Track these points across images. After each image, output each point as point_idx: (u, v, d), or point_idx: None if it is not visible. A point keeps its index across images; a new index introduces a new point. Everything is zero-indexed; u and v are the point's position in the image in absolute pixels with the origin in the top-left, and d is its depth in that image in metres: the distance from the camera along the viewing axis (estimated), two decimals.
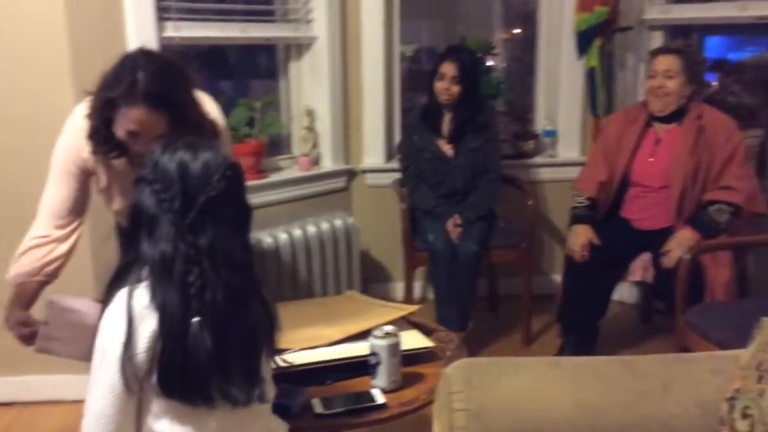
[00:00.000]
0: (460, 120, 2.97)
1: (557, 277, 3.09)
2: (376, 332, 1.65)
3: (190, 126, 1.57)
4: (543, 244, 3.52)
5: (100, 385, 1.16)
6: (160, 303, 1.16)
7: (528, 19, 3.61)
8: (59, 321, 1.59)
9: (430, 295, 3.16)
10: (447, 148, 3.01)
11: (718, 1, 3.16)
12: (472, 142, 2.98)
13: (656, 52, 2.74)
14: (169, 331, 1.15)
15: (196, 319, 1.16)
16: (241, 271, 1.22)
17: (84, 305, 1.58)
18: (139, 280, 1.19)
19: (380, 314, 1.88)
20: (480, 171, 3.00)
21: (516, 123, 3.77)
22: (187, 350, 1.16)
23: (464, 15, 4.47)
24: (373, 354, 1.63)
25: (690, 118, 2.66)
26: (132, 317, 1.15)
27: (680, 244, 2.50)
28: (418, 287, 3.43)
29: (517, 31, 4.22)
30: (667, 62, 2.64)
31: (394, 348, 1.63)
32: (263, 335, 1.27)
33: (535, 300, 3.12)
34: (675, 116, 2.69)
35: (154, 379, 1.16)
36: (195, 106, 1.65)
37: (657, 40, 3.27)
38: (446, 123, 3.01)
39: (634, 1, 3.25)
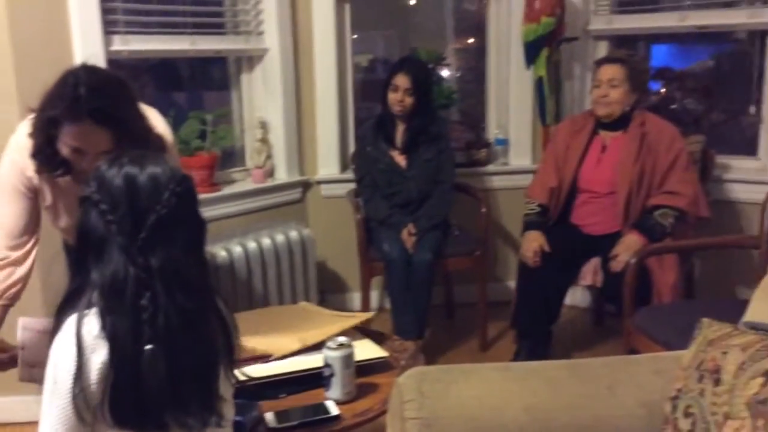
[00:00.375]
0: (414, 131, 3.01)
1: (512, 283, 3.13)
2: (330, 344, 1.65)
3: (136, 140, 1.55)
4: (497, 250, 3.57)
5: (53, 416, 1.12)
6: (110, 333, 1.12)
7: (479, 29, 3.67)
8: (36, 345, 1.55)
9: (388, 305, 3.17)
10: (400, 159, 3.04)
11: (659, 11, 3.27)
12: (426, 153, 3.02)
13: (600, 62, 2.82)
14: (121, 361, 1.11)
15: (148, 347, 1.12)
16: (196, 291, 1.18)
17: None
18: (89, 305, 1.14)
19: (335, 323, 1.89)
20: (434, 181, 3.03)
21: (470, 132, 3.82)
22: (140, 379, 1.11)
23: (418, 26, 4.53)
24: (326, 366, 1.64)
25: (634, 126, 2.74)
26: (82, 347, 1.11)
27: (627, 248, 2.56)
28: (375, 297, 3.43)
29: (470, 41, 4.28)
30: (611, 71, 2.72)
31: (348, 359, 1.64)
32: (221, 354, 1.23)
33: (491, 306, 3.15)
34: (620, 124, 2.77)
35: (107, 408, 1.12)
36: (140, 120, 1.63)
37: (602, 49, 3.36)
38: (399, 134, 3.04)
39: (579, 12, 3.33)
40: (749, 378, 1.21)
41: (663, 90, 3.69)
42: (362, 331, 1.95)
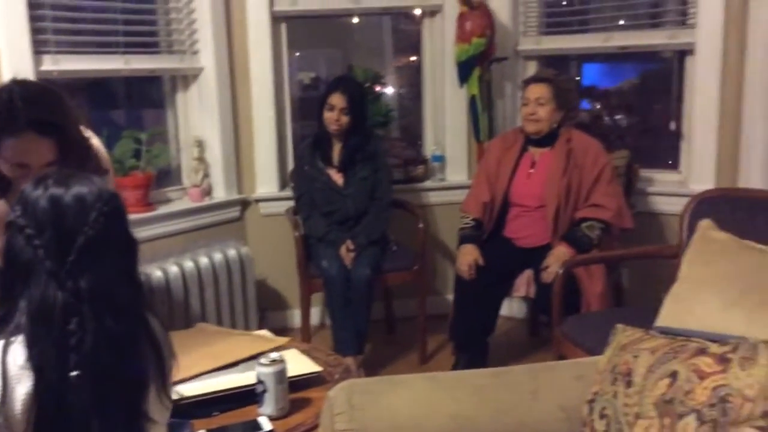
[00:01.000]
0: (350, 150, 3.05)
1: (451, 297, 3.18)
2: (262, 360, 1.66)
3: (78, 150, 1.54)
4: (436, 265, 3.64)
5: None
6: (36, 363, 1.09)
7: (417, 49, 3.75)
8: None
9: (329, 321, 3.19)
10: (337, 178, 3.08)
11: (584, 32, 3.41)
12: (362, 171, 3.06)
13: (528, 82, 2.93)
14: (46, 391, 1.08)
15: (74, 373, 1.09)
16: (127, 313, 1.15)
17: None
18: (17, 331, 1.11)
19: (244, 345, 1.90)
20: (371, 198, 3.08)
21: (410, 148, 3.89)
22: (66, 408, 1.09)
23: (360, 44, 4.61)
24: (259, 382, 1.64)
25: (561, 142, 2.85)
26: (6, 378, 1.08)
27: (557, 259, 2.66)
28: (316, 314, 3.45)
29: (411, 59, 4.37)
30: (538, 90, 2.83)
31: (281, 375, 1.65)
32: (151, 377, 1.20)
33: (431, 320, 3.21)
34: (547, 140, 2.87)
35: None
36: (78, 128, 1.62)
37: (531, 69, 3.48)
38: (336, 152, 3.08)
39: (509, 33, 3.45)
40: (657, 379, 1.28)
41: (592, 108, 3.84)
42: (299, 347, 1.97)
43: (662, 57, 3.63)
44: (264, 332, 2.18)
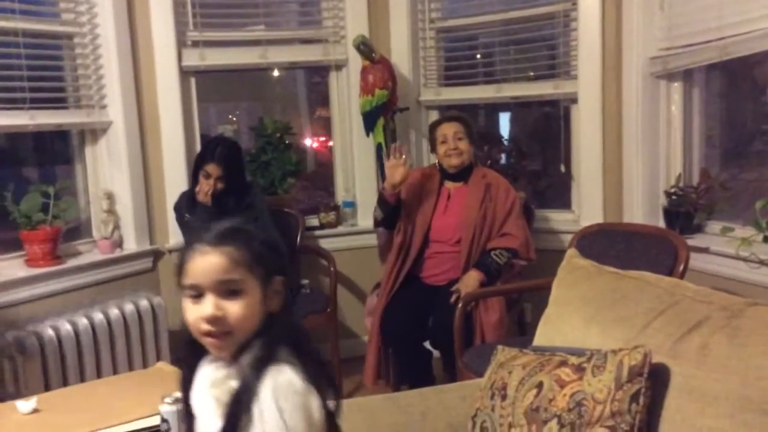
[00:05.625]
0: (227, 208, 3.04)
1: (365, 338, 3.27)
2: (167, 398, 1.71)
3: None
4: (349, 307, 3.71)
5: None
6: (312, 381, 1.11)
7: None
8: None
9: None
10: None
11: (479, 84, 3.67)
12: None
13: (440, 122, 3.12)
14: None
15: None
16: None
17: None
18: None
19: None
20: None
21: (328, 196, 4.00)
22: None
23: (277, 96, 4.76)
24: (163, 421, 1.69)
25: (476, 177, 3.04)
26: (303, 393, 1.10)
27: (466, 285, 2.78)
28: None
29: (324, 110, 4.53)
30: (454, 127, 3.03)
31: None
32: None
33: (345, 362, 3.28)
34: (462, 175, 3.05)
35: None
36: None
37: (433, 117, 3.68)
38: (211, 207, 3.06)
39: (410, 84, 3.67)
40: (527, 390, 1.42)
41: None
42: None
43: (553, 104, 3.91)
44: (161, 364, 2.22)
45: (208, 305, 1.11)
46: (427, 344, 2.94)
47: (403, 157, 2.94)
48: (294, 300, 3.11)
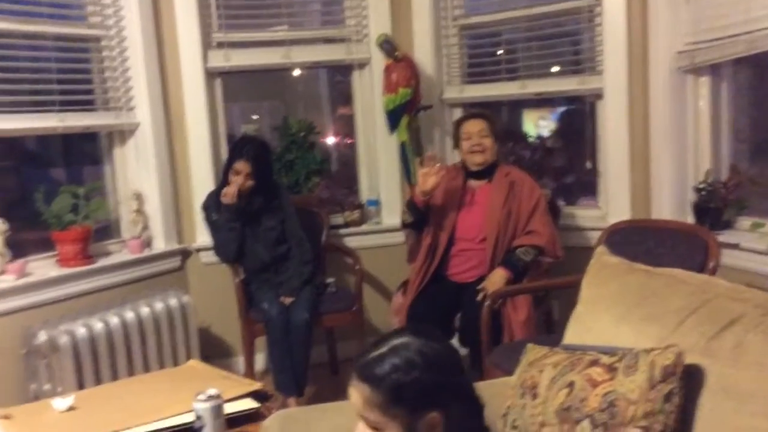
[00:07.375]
0: (254, 208, 3.11)
1: None
2: (200, 396, 1.74)
3: None
4: (375, 305, 3.72)
5: None
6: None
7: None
8: None
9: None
10: (245, 230, 3.15)
11: (503, 81, 3.65)
12: (268, 222, 3.16)
13: (464, 119, 3.12)
14: None
15: None
16: None
17: None
18: None
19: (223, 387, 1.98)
20: (282, 241, 3.18)
21: (352, 195, 4.01)
22: None
23: (300, 96, 4.78)
24: (197, 418, 1.72)
25: (500, 176, 3.03)
26: None
27: (493, 283, 2.78)
28: (261, 359, 3.49)
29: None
30: (478, 124, 3.02)
31: (217, 410, 1.73)
32: None
33: None
34: (486, 173, 3.05)
35: None
36: None
37: (457, 115, 3.68)
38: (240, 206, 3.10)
39: (434, 82, 3.66)
40: (558, 390, 1.42)
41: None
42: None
43: (581, 101, 3.88)
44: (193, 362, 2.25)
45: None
46: (454, 341, 2.92)
47: (437, 165, 2.93)
48: (319, 298, 3.14)
